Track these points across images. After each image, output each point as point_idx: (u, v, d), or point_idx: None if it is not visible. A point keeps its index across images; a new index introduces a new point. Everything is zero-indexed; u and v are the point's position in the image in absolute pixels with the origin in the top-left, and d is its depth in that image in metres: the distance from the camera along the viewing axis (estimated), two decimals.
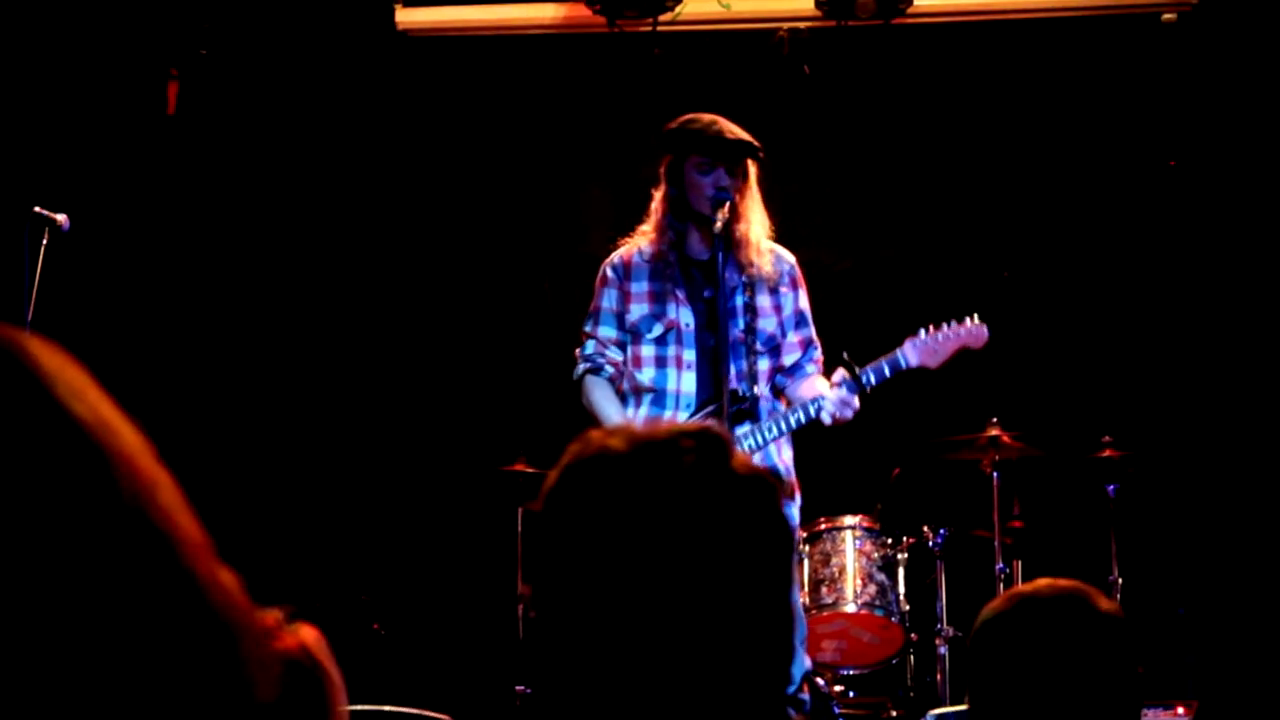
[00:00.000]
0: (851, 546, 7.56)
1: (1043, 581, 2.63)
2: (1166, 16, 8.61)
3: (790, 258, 6.08)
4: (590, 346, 6.04)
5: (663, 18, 8.63)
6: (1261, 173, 8.63)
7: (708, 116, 5.89)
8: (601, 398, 5.99)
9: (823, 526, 7.61)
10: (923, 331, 5.85)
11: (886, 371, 5.77)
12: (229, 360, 8.87)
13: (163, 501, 1.17)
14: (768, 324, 5.95)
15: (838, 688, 7.73)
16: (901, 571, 7.64)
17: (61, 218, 6.37)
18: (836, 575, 7.49)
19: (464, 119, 9.12)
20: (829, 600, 7.44)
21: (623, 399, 6.00)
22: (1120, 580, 7.67)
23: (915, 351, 5.81)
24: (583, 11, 8.69)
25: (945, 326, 5.87)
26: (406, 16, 8.91)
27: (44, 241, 6.30)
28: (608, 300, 6.03)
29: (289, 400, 8.88)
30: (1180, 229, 8.73)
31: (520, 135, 9.10)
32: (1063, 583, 2.61)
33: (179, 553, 1.16)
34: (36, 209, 6.35)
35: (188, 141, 8.92)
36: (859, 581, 7.48)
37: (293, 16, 8.90)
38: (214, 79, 8.93)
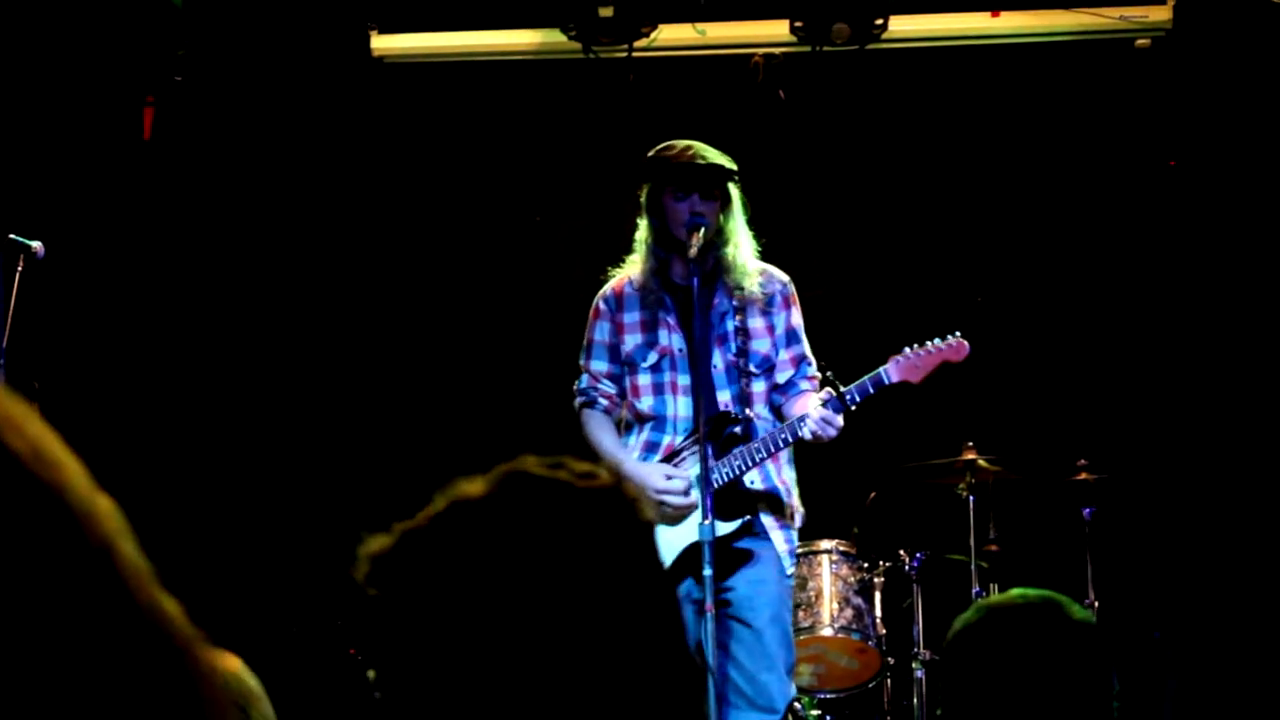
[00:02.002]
0: (828, 570, 7.57)
1: (1014, 591, 2.62)
2: (1140, 42, 8.65)
3: (783, 277, 6.07)
4: (584, 380, 6.09)
5: (638, 44, 8.66)
6: (1233, 196, 8.67)
7: (682, 143, 5.89)
8: (595, 428, 6.05)
9: (799, 550, 7.61)
10: (906, 349, 5.84)
11: (870, 388, 5.74)
12: (205, 385, 8.85)
13: (101, 531, 1.17)
14: (761, 345, 5.94)
15: (815, 712, 7.72)
16: (878, 595, 7.65)
17: (36, 245, 6.35)
18: (813, 599, 7.49)
19: (440, 145, 9.12)
20: (806, 624, 7.44)
21: (626, 428, 6.03)
22: (1096, 603, 7.69)
23: (897, 369, 5.80)
24: (558, 38, 8.71)
25: (928, 343, 5.87)
26: (382, 43, 8.92)
27: (19, 268, 6.29)
28: (599, 333, 6.06)
29: (266, 425, 8.86)
30: (1154, 253, 8.76)
31: (496, 161, 9.10)
32: (1033, 592, 2.60)
33: (119, 581, 1.16)
34: (11, 236, 6.33)
35: (164, 168, 8.91)
36: (836, 605, 7.48)
37: (268, 43, 8.90)
38: (190, 105, 8.93)
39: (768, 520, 5.80)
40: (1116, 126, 8.81)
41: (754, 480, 5.77)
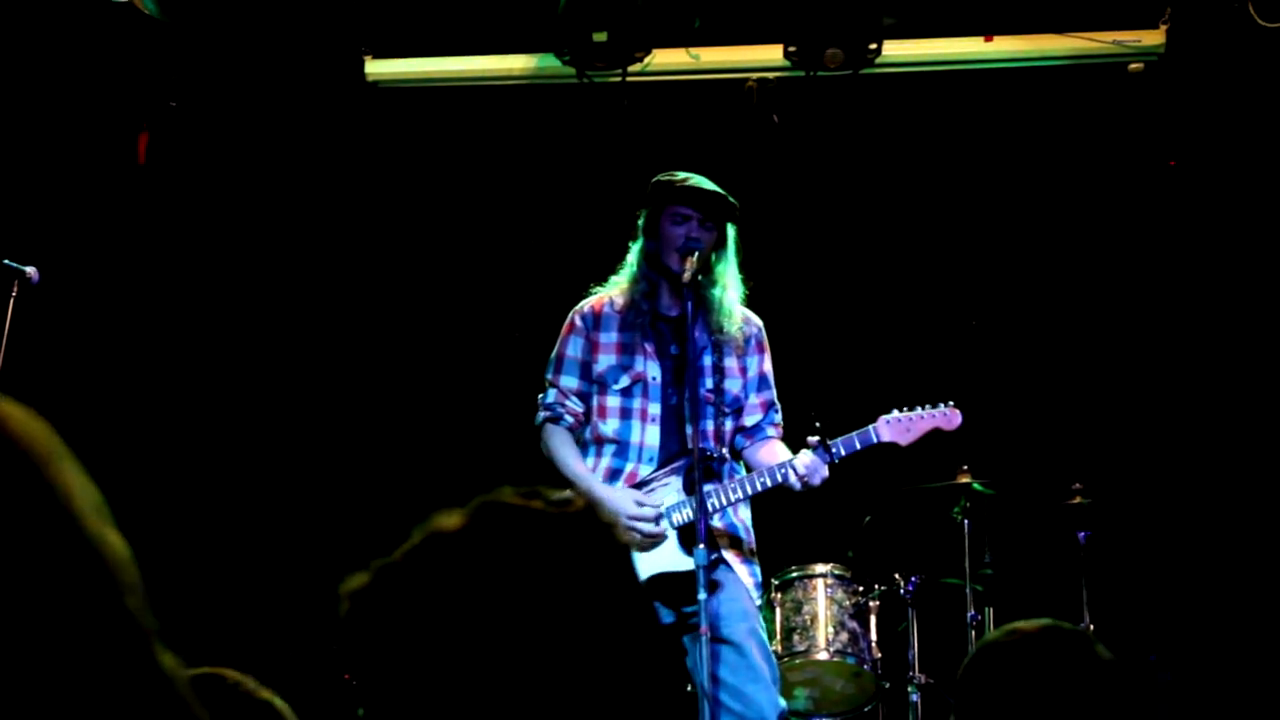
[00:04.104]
0: (823, 594, 7.55)
1: (1044, 620, 2.61)
2: (1133, 66, 8.67)
3: (758, 321, 6.10)
4: (551, 395, 6.05)
5: (632, 68, 8.66)
6: (1225, 218, 8.69)
7: (686, 173, 5.92)
8: (559, 446, 6.00)
9: (794, 574, 7.61)
10: (896, 411, 5.86)
11: (857, 445, 5.76)
12: (202, 410, 8.84)
13: (112, 567, 1.18)
14: (733, 385, 5.96)
15: None
16: (873, 619, 7.63)
17: (31, 270, 6.36)
18: (808, 623, 7.48)
19: (434, 170, 9.13)
20: (801, 648, 7.43)
21: (584, 448, 6.01)
22: (1091, 627, 7.68)
23: (888, 429, 5.83)
24: (552, 62, 8.72)
25: (920, 408, 5.89)
26: (376, 68, 8.92)
27: (13, 294, 6.29)
28: (572, 349, 6.04)
29: (261, 448, 8.85)
30: (1148, 277, 8.77)
31: (489, 186, 9.11)
32: (1065, 624, 2.59)
33: (127, 621, 1.17)
34: (5, 261, 6.34)
35: (158, 193, 8.91)
36: (831, 629, 7.47)
37: (263, 68, 8.91)
38: (184, 130, 8.93)
39: (729, 555, 5.81)
40: (1110, 151, 8.83)
41: (714, 519, 5.77)
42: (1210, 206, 8.73)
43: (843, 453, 5.73)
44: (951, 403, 5.93)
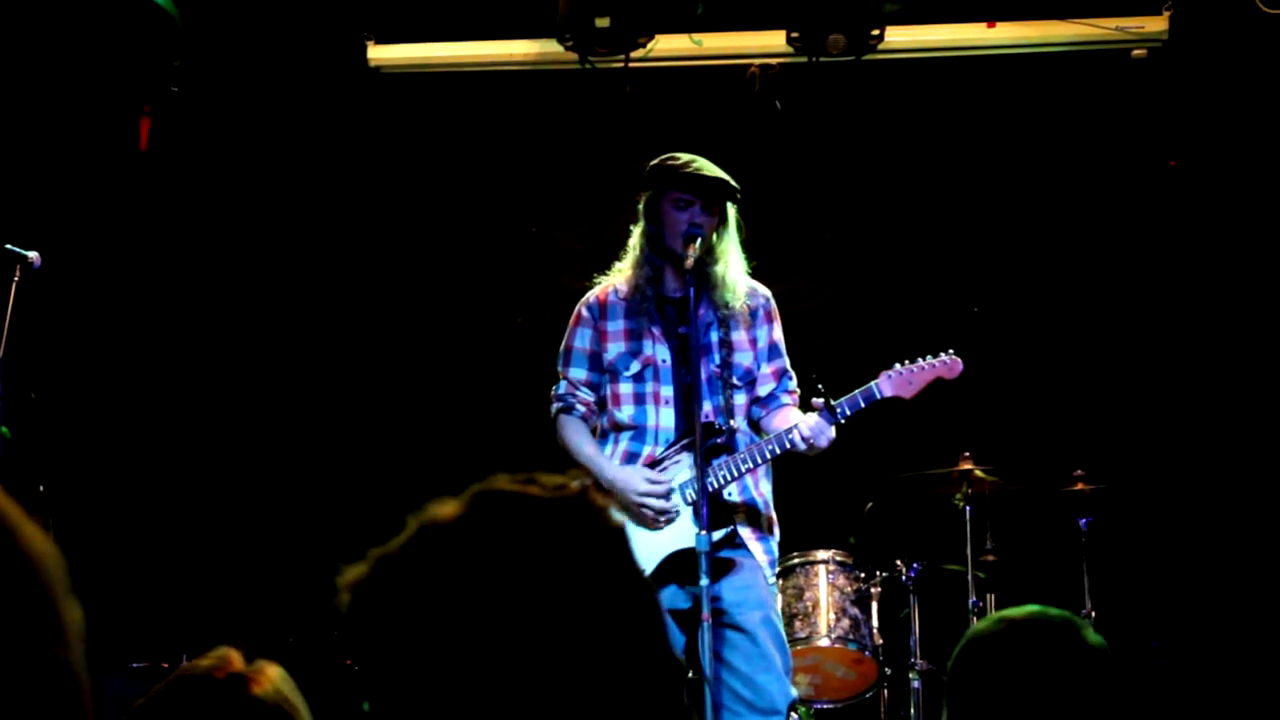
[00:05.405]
0: (825, 580, 7.56)
1: (1033, 608, 2.60)
2: (1136, 53, 8.66)
3: (765, 291, 6.08)
4: (562, 387, 6.05)
5: (634, 54, 8.65)
6: (1229, 206, 8.68)
7: (687, 156, 5.89)
8: (572, 433, 6.01)
9: (796, 560, 7.61)
10: (897, 365, 5.84)
11: (861, 403, 5.74)
12: (202, 395, 8.85)
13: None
14: (744, 358, 5.94)
15: None
16: (875, 605, 7.64)
17: (33, 255, 6.36)
18: (810, 609, 7.49)
19: (436, 155, 9.12)
20: (802, 634, 7.44)
21: (602, 436, 6.01)
22: (1093, 614, 7.68)
23: (889, 383, 5.80)
24: (555, 48, 8.71)
25: (920, 359, 5.87)
26: (379, 53, 8.92)
27: (15, 279, 6.29)
28: (580, 340, 6.04)
29: (263, 432, 8.85)
30: (1150, 263, 8.77)
31: (493, 171, 9.10)
32: (1053, 611, 2.58)
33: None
34: (7, 246, 6.34)
35: (160, 178, 8.91)
36: (832, 615, 7.47)
37: (265, 53, 8.90)
38: (186, 115, 8.93)
39: (745, 532, 5.79)
40: (1113, 137, 8.82)
41: (732, 493, 5.77)
42: (1213, 194, 8.72)
43: (847, 412, 5.70)
44: (952, 351, 5.92)
